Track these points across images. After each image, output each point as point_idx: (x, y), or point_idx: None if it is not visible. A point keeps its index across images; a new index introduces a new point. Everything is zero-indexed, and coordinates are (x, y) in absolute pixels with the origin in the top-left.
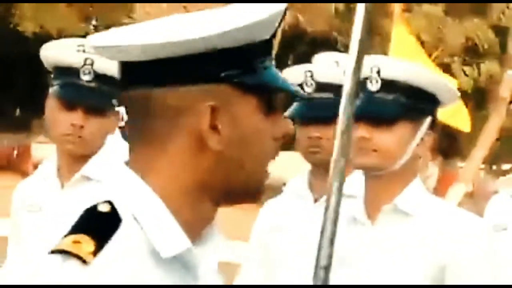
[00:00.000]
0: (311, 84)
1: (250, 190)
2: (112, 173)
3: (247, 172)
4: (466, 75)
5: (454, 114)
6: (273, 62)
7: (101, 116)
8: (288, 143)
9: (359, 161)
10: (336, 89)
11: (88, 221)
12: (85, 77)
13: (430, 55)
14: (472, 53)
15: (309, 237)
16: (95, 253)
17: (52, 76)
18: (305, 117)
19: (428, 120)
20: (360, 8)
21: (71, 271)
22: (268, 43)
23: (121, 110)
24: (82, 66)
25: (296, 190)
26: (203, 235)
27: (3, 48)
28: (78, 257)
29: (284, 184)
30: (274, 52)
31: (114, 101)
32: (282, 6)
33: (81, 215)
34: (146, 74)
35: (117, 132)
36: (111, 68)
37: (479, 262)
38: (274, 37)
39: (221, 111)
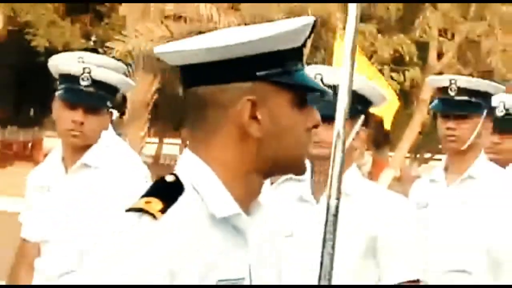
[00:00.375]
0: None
1: (290, 170)
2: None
3: (285, 157)
4: (394, 80)
5: (386, 112)
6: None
7: (97, 114)
8: None
9: (314, 152)
10: None
11: (157, 187)
12: (84, 83)
13: None
14: (399, 62)
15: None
16: (163, 211)
17: (58, 82)
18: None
19: (362, 118)
20: (352, 8)
21: (144, 225)
22: (299, 50)
23: (114, 110)
24: (81, 74)
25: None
26: (250, 207)
27: (20, 59)
28: (150, 214)
29: None
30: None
31: (108, 103)
32: (311, 19)
33: (151, 184)
34: (200, 76)
35: (110, 127)
36: (105, 76)
37: (406, 231)
38: (305, 46)
39: (259, 104)
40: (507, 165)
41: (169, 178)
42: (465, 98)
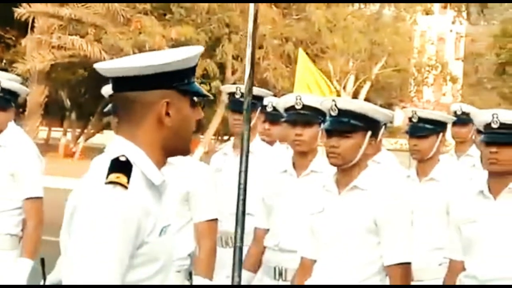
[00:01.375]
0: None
1: (185, 148)
2: (112, 142)
3: (184, 139)
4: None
5: None
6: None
7: (4, 111)
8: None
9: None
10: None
11: (118, 165)
12: None
13: None
14: (206, 76)
15: None
16: (127, 183)
17: None
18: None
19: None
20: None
21: (118, 192)
22: (194, 68)
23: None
24: None
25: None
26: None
27: None
28: (122, 185)
29: None
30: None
31: (12, 103)
32: (201, 48)
33: (112, 161)
34: (131, 84)
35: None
36: (10, 85)
37: (208, 185)
38: (196, 65)
39: (171, 105)
40: (273, 143)
41: (122, 158)
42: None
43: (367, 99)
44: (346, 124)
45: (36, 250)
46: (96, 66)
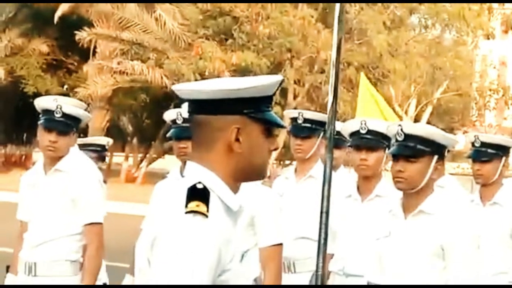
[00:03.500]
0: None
1: (256, 176)
2: (188, 168)
3: (256, 165)
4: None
5: None
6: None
7: (66, 135)
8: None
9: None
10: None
11: (196, 193)
12: (57, 115)
13: None
14: None
15: None
16: (207, 211)
17: (40, 115)
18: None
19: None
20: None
21: (201, 222)
22: (271, 97)
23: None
24: (55, 109)
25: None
26: None
27: (16, 102)
28: (202, 214)
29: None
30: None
31: (74, 128)
32: (280, 77)
33: (189, 189)
34: (203, 107)
35: (76, 145)
36: (71, 110)
37: (273, 210)
38: (274, 94)
39: (241, 131)
40: (337, 168)
41: (199, 186)
42: (309, 125)
43: (428, 124)
44: (413, 149)
45: (96, 275)
46: (175, 88)
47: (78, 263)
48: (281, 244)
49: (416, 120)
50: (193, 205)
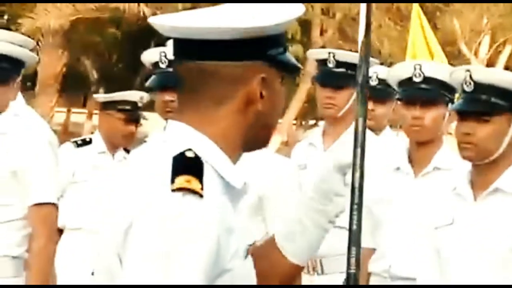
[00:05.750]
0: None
1: (265, 143)
2: (174, 129)
3: (270, 127)
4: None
5: None
6: None
7: (4, 86)
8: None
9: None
10: None
11: (185, 164)
12: None
13: None
14: None
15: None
16: (201, 189)
17: None
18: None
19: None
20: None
21: (191, 203)
22: (285, 33)
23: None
24: None
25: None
26: None
27: None
28: (195, 192)
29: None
30: None
31: (14, 75)
32: (303, 7)
33: (175, 159)
34: (210, 51)
35: (20, 97)
36: (10, 50)
37: (290, 188)
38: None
39: (266, 82)
40: (380, 130)
41: (189, 154)
42: (343, 70)
43: (507, 69)
44: (486, 103)
45: (48, 275)
46: (153, 21)
47: (21, 259)
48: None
49: (490, 64)
50: (181, 180)
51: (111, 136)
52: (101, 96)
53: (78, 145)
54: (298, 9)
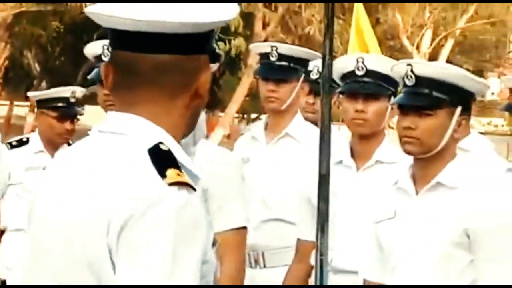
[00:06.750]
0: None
1: (192, 129)
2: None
3: (198, 116)
4: (219, 48)
5: None
6: None
7: None
8: None
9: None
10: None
11: (165, 157)
12: None
13: None
14: (225, 32)
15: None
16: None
17: None
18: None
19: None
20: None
21: (187, 197)
22: None
23: None
24: None
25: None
26: None
27: None
28: (189, 186)
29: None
30: None
31: None
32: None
33: (152, 153)
34: (155, 43)
35: None
36: None
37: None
38: None
39: (208, 74)
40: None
41: (163, 147)
42: (285, 63)
43: (449, 63)
44: (427, 97)
45: None
46: (92, 10)
47: None
48: (244, 228)
49: (432, 58)
50: (173, 174)
51: (47, 134)
52: (32, 95)
53: (12, 146)
54: (233, 9)
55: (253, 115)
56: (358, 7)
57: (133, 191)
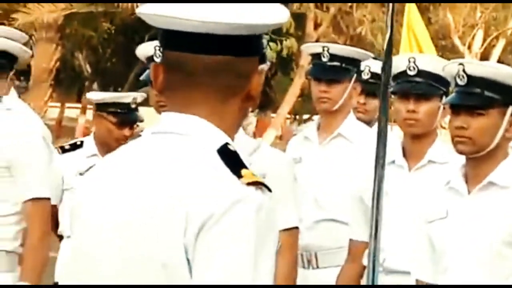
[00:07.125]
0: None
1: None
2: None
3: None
4: (271, 49)
5: None
6: None
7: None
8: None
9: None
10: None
11: (235, 157)
12: None
13: None
14: (277, 33)
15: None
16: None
17: None
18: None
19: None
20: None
21: (265, 198)
22: None
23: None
24: None
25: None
26: None
27: None
28: (265, 186)
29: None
30: None
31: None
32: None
33: (226, 153)
34: (221, 45)
35: (13, 92)
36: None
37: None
38: None
39: (261, 77)
40: (371, 122)
41: (231, 148)
42: (337, 64)
43: (500, 62)
44: (479, 96)
45: (40, 271)
46: (143, 10)
47: (15, 254)
48: (296, 228)
49: (483, 58)
50: (248, 174)
51: (104, 138)
52: (93, 97)
53: (65, 151)
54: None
55: (305, 116)
56: (411, 7)
57: (212, 190)
